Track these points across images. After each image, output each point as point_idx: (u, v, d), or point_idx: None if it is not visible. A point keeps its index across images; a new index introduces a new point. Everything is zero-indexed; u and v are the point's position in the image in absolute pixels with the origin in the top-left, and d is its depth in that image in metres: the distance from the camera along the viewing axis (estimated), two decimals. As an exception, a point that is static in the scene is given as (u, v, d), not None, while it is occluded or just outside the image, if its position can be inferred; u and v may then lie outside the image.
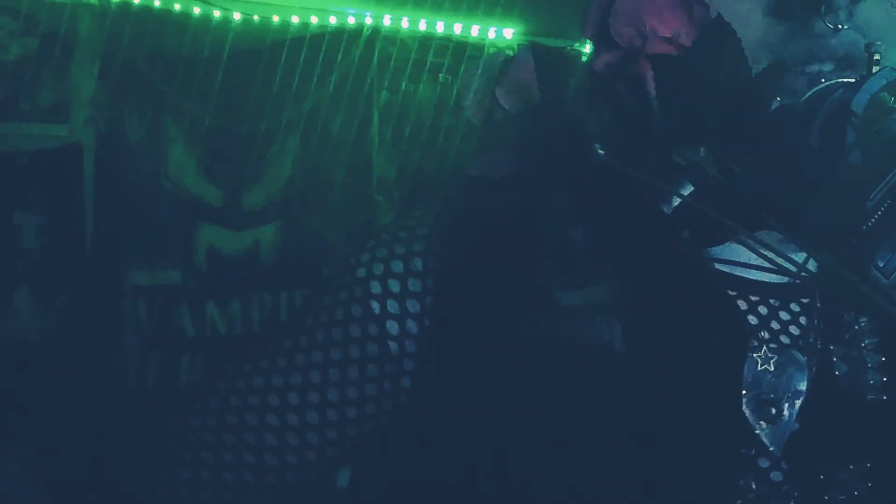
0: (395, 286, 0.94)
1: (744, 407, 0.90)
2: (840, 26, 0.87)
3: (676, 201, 0.88)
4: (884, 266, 0.85)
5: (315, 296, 1.00)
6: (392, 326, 0.94)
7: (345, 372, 0.95)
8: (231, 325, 3.69)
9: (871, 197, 0.83)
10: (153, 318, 3.64)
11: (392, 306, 0.94)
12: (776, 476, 0.90)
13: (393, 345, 0.94)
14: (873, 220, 0.83)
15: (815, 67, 0.89)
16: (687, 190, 0.88)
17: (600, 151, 0.86)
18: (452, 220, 0.95)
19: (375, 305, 0.94)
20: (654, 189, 0.87)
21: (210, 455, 0.97)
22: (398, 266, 0.95)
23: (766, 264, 0.87)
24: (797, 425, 0.91)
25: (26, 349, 3.34)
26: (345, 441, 0.97)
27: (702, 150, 0.86)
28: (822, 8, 0.87)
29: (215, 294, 3.69)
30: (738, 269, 0.92)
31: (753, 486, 0.89)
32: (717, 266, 0.92)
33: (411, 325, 0.94)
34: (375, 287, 0.95)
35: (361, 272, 0.96)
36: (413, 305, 0.94)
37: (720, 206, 0.85)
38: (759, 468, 0.90)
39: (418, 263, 0.94)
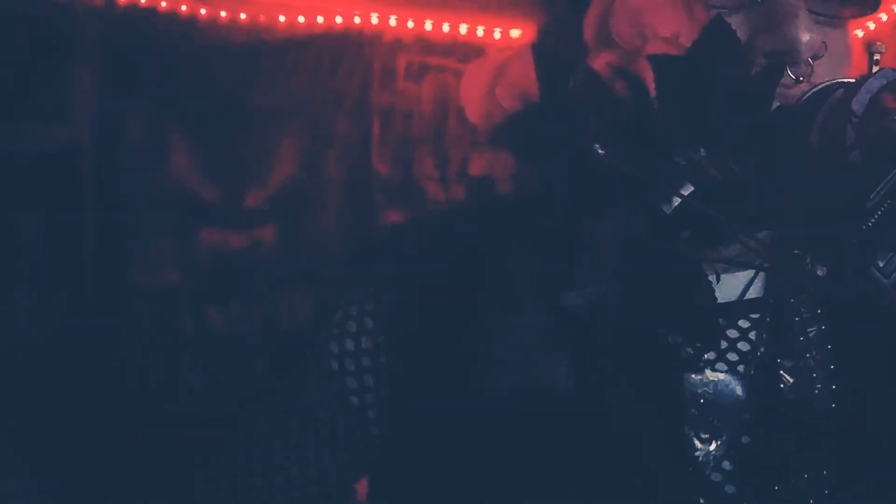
0: (350, 345, 1.01)
1: (689, 425, 0.92)
2: (800, 79, 0.90)
3: (676, 201, 0.88)
4: (884, 266, 0.85)
5: (288, 368, 1.08)
6: (350, 382, 1.01)
7: (318, 430, 1.02)
8: (231, 325, 3.70)
9: (871, 197, 0.83)
10: (153, 318, 3.65)
11: (349, 364, 1.01)
12: (730, 489, 0.92)
13: (354, 399, 1.01)
14: (873, 220, 0.84)
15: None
16: (687, 190, 0.88)
17: (600, 151, 0.86)
18: (398, 274, 1.01)
19: (334, 364, 1.01)
20: (654, 189, 0.87)
21: None
22: (352, 326, 1.01)
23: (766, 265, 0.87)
24: (747, 439, 0.92)
25: (26, 349, 3.34)
26: (329, 494, 1.04)
27: (702, 150, 0.86)
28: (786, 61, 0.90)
29: (215, 294, 3.69)
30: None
31: (701, 502, 0.91)
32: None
33: (368, 380, 1.00)
34: (333, 347, 1.02)
35: (321, 336, 1.03)
36: (367, 361, 1.00)
37: (720, 206, 0.85)
38: (710, 482, 0.91)
39: (369, 322, 1.00)
